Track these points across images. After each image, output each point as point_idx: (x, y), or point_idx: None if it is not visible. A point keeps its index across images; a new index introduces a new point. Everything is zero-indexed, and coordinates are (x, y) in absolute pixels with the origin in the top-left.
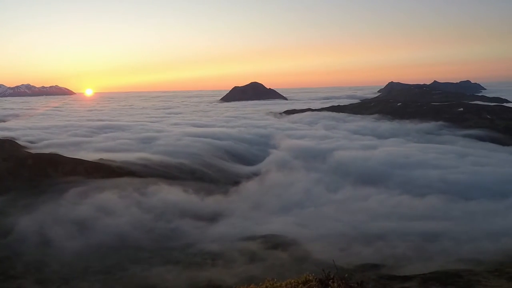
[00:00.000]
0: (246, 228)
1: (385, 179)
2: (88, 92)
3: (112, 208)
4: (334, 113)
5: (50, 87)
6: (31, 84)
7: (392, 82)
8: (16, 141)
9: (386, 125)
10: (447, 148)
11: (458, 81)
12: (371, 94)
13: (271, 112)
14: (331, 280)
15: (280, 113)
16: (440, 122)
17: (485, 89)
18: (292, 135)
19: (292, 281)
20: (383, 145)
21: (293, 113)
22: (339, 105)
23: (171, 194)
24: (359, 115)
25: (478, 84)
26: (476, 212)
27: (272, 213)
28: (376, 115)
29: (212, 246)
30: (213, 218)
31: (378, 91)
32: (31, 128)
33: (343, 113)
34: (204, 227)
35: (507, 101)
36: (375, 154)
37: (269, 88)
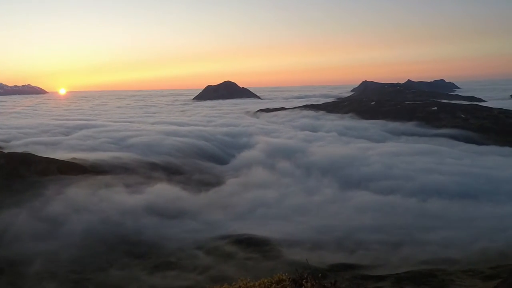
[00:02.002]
0: (218, 228)
1: (363, 180)
2: (62, 91)
3: (84, 207)
4: (311, 111)
5: (23, 86)
6: (3, 83)
7: (365, 81)
8: None
9: (360, 124)
10: (421, 147)
11: (432, 80)
12: (345, 93)
13: (248, 111)
14: (304, 280)
15: (256, 112)
16: (414, 121)
17: (459, 88)
18: (272, 134)
19: (266, 280)
20: (355, 143)
21: (269, 112)
22: (313, 104)
23: (143, 192)
24: (333, 114)
25: (452, 83)
26: (451, 212)
27: (246, 212)
28: (350, 114)
29: (183, 245)
30: (184, 216)
31: (352, 90)
32: (3, 128)
33: (318, 112)
34: (176, 226)
35: (481, 100)
36: (353, 152)
37: (243, 87)
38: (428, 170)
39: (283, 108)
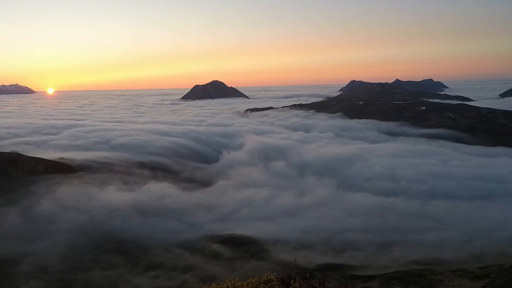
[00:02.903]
0: (205, 227)
1: (356, 180)
2: (50, 90)
3: (72, 207)
4: (300, 111)
5: (10, 85)
6: None
7: (354, 80)
8: None
9: (351, 124)
10: (409, 147)
11: (421, 80)
12: (333, 93)
13: (238, 111)
14: (292, 280)
15: (245, 111)
16: (402, 121)
17: (448, 87)
18: (265, 134)
19: (254, 280)
20: (349, 144)
21: (259, 111)
22: (301, 104)
23: (131, 192)
24: (322, 114)
25: (440, 82)
26: (440, 212)
27: (235, 212)
28: (339, 114)
29: (171, 245)
30: (171, 216)
31: (340, 90)
32: None
33: (308, 111)
34: (163, 225)
35: (470, 100)
36: (346, 153)
37: (231, 87)
38: (426, 172)
39: (271, 108)
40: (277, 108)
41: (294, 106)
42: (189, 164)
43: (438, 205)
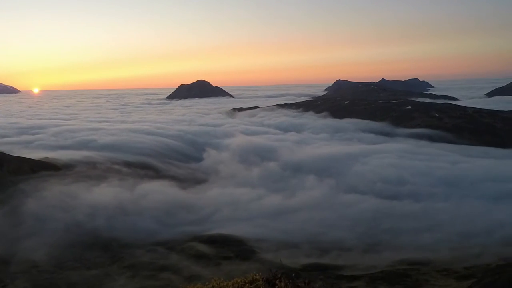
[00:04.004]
0: (192, 227)
1: (347, 182)
2: (35, 90)
3: (57, 206)
4: (288, 110)
5: None
6: None
7: (339, 80)
8: None
9: (333, 123)
10: (394, 147)
11: (406, 79)
12: (319, 92)
13: (225, 110)
14: (278, 280)
15: (233, 111)
16: (388, 120)
17: (433, 87)
18: (254, 135)
19: (239, 280)
20: (333, 143)
21: (245, 110)
22: (286, 103)
23: (116, 191)
24: (309, 113)
25: (426, 82)
26: (425, 212)
27: (220, 212)
28: (325, 113)
29: (156, 244)
30: (157, 216)
31: (326, 89)
32: None
33: (295, 111)
34: (148, 225)
35: (455, 99)
36: (329, 152)
37: (216, 86)
38: (419, 173)
39: (257, 107)
40: (263, 107)
41: (281, 106)
42: (176, 164)
43: (434, 206)
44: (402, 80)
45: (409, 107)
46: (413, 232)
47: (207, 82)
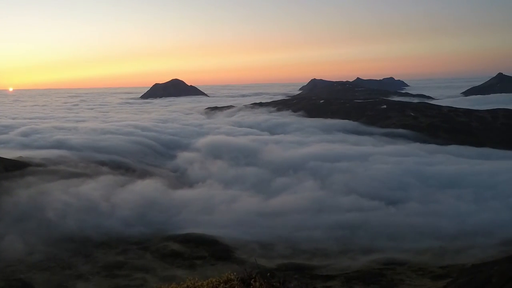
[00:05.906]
0: (167, 226)
1: (316, 177)
2: (9, 89)
3: (29, 205)
4: (263, 109)
5: None
6: None
7: (314, 79)
8: None
9: (309, 122)
10: (370, 146)
11: (382, 78)
12: (294, 91)
13: (203, 110)
14: (253, 279)
15: (210, 110)
16: (363, 120)
17: (409, 86)
18: (233, 134)
19: (214, 280)
20: (310, 143)
21: (221, 110)
22: (261, 102)
23: (91, 190)
24: (284, 112)
25: (401, 81)
26: (398, 212)
27: (195, 210)
28: (300, 112)
29: (130, 244)
30: (132, 216)
31: (300, 88)
32: None
33: (271, 110)
34: (123, 225)
35: (431, 98)
36: (304, 152)
37: (190, 85)
38: (395, 173)
39: (232, 106)
40: (239, 106)
41: (257, 104)
42: (153, 163)
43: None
44: (378, 79)
45: (385, 106)
46: (390, 234)
47: (181, 81)
